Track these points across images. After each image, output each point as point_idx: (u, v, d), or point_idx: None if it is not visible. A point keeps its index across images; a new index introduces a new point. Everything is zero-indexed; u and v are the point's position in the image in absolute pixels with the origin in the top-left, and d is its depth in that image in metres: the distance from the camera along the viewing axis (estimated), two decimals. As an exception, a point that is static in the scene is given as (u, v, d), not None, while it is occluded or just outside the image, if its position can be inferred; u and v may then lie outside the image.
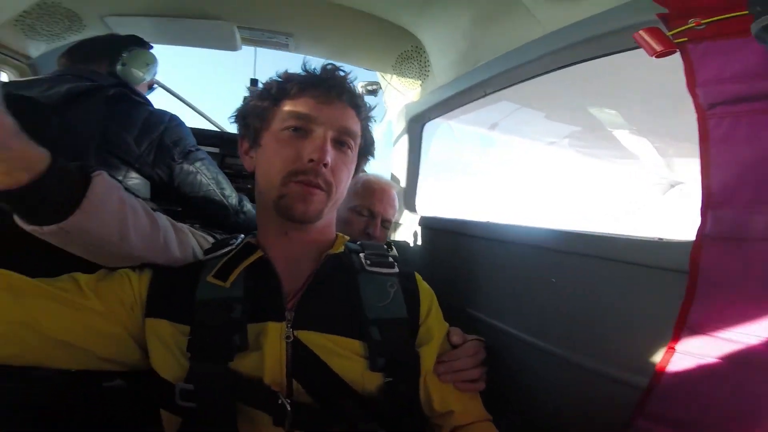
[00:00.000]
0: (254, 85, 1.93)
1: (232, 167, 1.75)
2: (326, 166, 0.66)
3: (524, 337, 0.93)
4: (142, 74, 1.18)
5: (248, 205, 1.25)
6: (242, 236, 0.76)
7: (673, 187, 2.31)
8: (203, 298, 0.66)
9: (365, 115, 0.78)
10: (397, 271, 0.77)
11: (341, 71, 0.73)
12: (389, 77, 1.73)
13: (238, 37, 1.51)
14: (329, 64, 0.74)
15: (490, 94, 1.28)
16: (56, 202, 0.56)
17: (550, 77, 1.06)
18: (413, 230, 1.64)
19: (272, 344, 0.63)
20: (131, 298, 0.66)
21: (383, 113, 2.02)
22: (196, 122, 2.06)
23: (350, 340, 0.67)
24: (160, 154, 1.02)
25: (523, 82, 1.15)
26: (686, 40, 0.67)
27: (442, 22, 1.27)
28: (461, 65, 1.31)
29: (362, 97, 0.77)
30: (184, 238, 0.79)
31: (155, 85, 1.36)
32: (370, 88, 1.89)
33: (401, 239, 1.75)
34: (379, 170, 2.04)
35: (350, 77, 0.74)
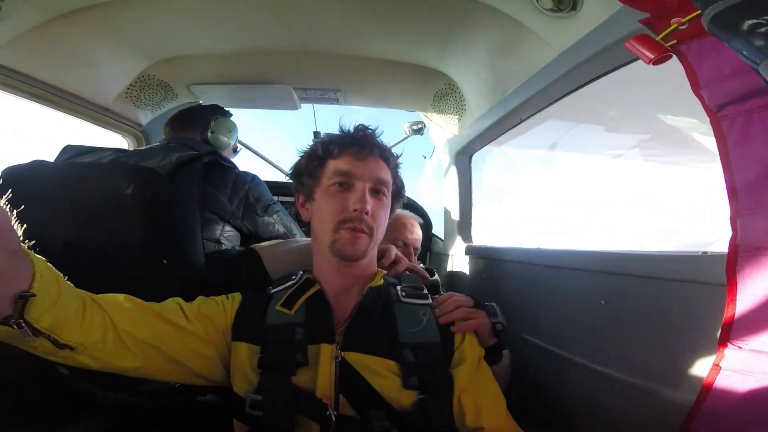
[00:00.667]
0: (317, 137, 2.18)
1: None
2: (367, 213, 0.79)
3: (578, 360, 0.93)
4: (227, 140, 1.43)
5: None
6: (301, 273, 0.89)
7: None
8: (272, 323, 0.79)
9: (394, 164, 0.90)
10: (430, 302, 0.85)
11: (370, 129, 0.87)
12: (431, 115, 1.82)
13: (296, 97, 1.75)
14: (360, 125, 0.88)
15: (525, 119, 1.29)
16: None
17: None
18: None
19: (324, 363, 0.74)
20: (223, 324, 0.80)
21: (432, 149, 2.09)
22: (274, 175, 2.38)
23: (387, 360, 0.75)
24: (246, 209, 1.22)
25: (552, 104, 1.15)
26: (676, 42, 0.64)
27: (465, 58, 1.34)
28: (493, 96, 1.35)
29: (390, 149, 0.89)
30: None
31: (239, 148, 1.62)
32: (415, 127, 2.01)
33: (457, 269, 1.76)
34: (433, 202, 2.11)
35: (377, 133, 0.88)
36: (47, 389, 1.15)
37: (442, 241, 2.05)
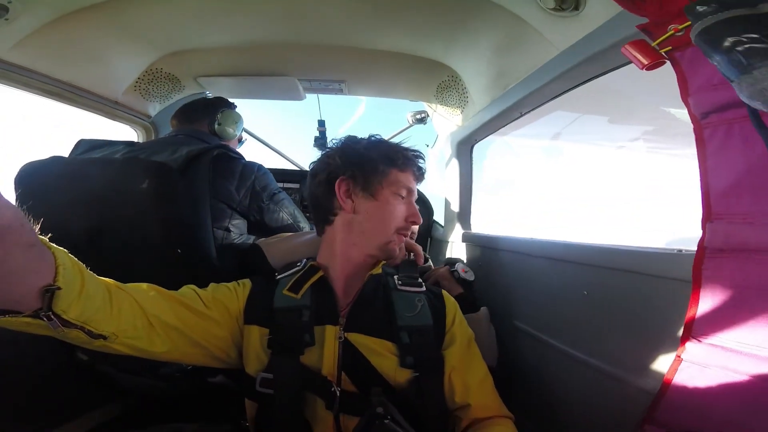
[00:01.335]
0: (322, 125, 2.21)
1: None
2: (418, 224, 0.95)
3: (560, 346, 0.99)
4: (232, 131, 1.47)
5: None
6: (305, 260, 0.95)
7: None
8: (280, 306, 0.85)
9: None
10: (424, 290, 0.93)
11: (423, 157, 0.99)
12: (434, 106, 1.84)
13: (300, 88, 1.78)
14: (419, 151, 0.99)
15: (525, 113, 1.32)
16: None
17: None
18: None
19: (329, 343, 0.81)
20: (236, 309, 0.85)
21: (435, 138, 2.11)
22: (280, 163, 2.43)
23: (386, 341, 0.82)
24: (253, 198, 1.28)
25: (552, 100, 1.18)
26: (671, 48, 0.66)
27: (468, 52, 1.36)
28: (494, 90, 1.37)
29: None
30: None
31: (244, 138, 1.66)
32: (419, 116, 2.02)
33: (456, 256, 1.81)
34: (435, 189, 2.14)
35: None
36: (68, 375, 1.22)
37: (442, 227, 2.10)
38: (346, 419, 0.76)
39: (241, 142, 1.61)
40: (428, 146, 2.19)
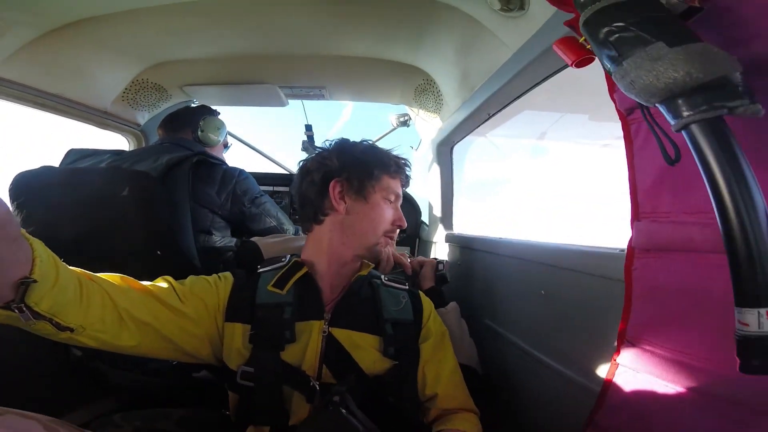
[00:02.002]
0: (309, 130, 2.26)
1: None
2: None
3: (521, 344, 1.01)
4: (215, 137, 1.52)
5: (303, 234, 1.51)
6: (289, 256, 0.97)
7: None
8: (262, 302, 0.86)
9: None
10: (407, 288, 0.99)
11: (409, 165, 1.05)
12: (416, 109, 1.88)
13: (282, 94, 1.83)
14: (408, 160, 1.05)
15: (493, 115, 1.35)
16: None
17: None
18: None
19: (313, 337, 0.84)
20: (215, 305, 0.84)
21: (419, 141, 2.15)
22: (269, 167, 2.48)
23: (369, 335, 0.87)
24: (234, 202, 1.33)
25: (516, 99, 1.21)
26: None
27: (435, 55, 1.40)
28: (463, 92, 1.40)
29: None
30: None
31: (230, 143, 1.72)
32: (402, 119, 2.07)
33: (440, 257, 1.84)
34: (423, 190, 2.17)
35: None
36: (62, 371, 1.26)
37: (428, 227, 2.13)
38: None
39: (226, 147, 1.67)
40: (413, 148, 2.22)
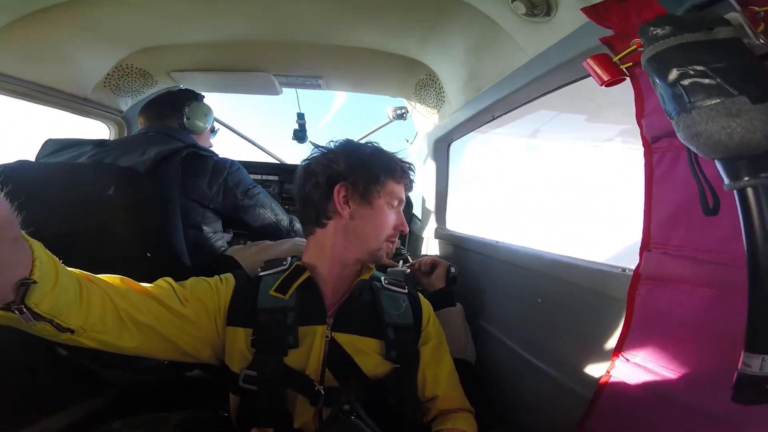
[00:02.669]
0: (301, 118, 2.19)
1: (289, 192, 2.12)
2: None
3: (516, 348, 1.04)
4: (203, 124, 1.44)
5: (297, 224, 1.49)
6: (290, 259, 0.96)
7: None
8: (264, 306, 0.85)
9: None
10: (406, 291, 0.99)
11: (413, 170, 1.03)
12: (414, 103, 1.83)
13: (276, 83, 1.75)
14: (412, 165, 1.02)
15: (498, 117, 1.33)
16: None
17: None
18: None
19: (316, 342, 0.83)
20: (215, 308, 0.83)
21: (415, 134, 2.11)
22: (259, 156, 2.41)
23: (371, 339, 0.87)
24: (226, 194, 1.27)
25: (523, 105, 1.19)
26: (632, 64, 0.64)
27: (442, 51, 1.35)
28: (468, 91, 1.37)
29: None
30: None
31: (217, 128, 1.62)
32: (399, 112, 2.02)
33: (431, 253, 1.85)
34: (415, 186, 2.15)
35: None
36: (49, 370, 1.21)
37: (420, 221, 2.13)
38: (326, 412, 0.79)
39: (213, 132, 1.58)
40: (408, 142, 2.19)
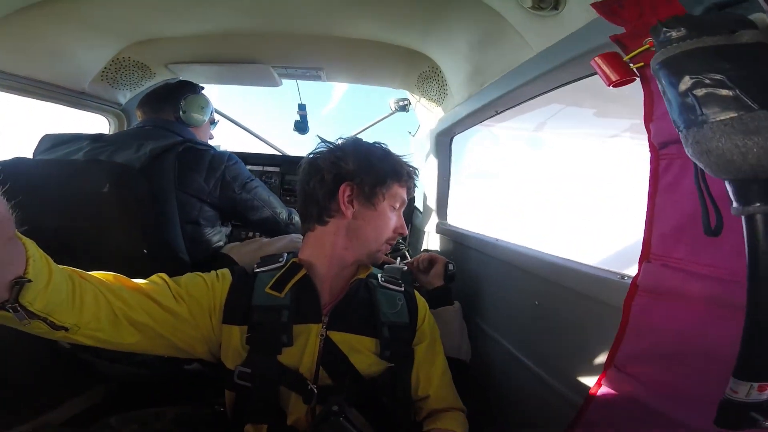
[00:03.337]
0: (302, 110, 2.16)
1: (290, 183, 2.11)
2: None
3: (512, 350, 1.03)
4: (201, 116, 1.41)
5: (296, 217, 1.46)
6: (286, 255, 0.94)
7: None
8: (259, 304, 0.84)
9: None
10: (402, 290, 0.97)
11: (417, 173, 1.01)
12: (417, 96, 1.80)
13: (275, 75, 1.71)
14: (413, 167, 1.00)
15: (501, 112, 1.29)
16: None
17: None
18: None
19: (311, 340, 0.83)
20: (210, 305, 0.82)
21: (417, 127, 2.08)
22: (260, 147, 2.40)
23: (366, 338, 0.86)
24: (223, 188, 1.26)
25: (527, 101, 1.15)
26: (643, 64, 0.61)
27: (446, 44, 1.32)
28: (471, 85, 1.33)
29: None
30: None
31: (217, 119, 1.60)
32: (401, 104, 1.99)
33: (432, 247, 1.83)
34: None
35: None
36: (50, 363, 1.23)
37: (421, 214, 2.11)
38: (320, 410, 0.79)
39: (213, 123, 1.56)
40: (411, 134, 2.16)
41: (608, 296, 0.70)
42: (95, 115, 1.79)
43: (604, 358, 0.66)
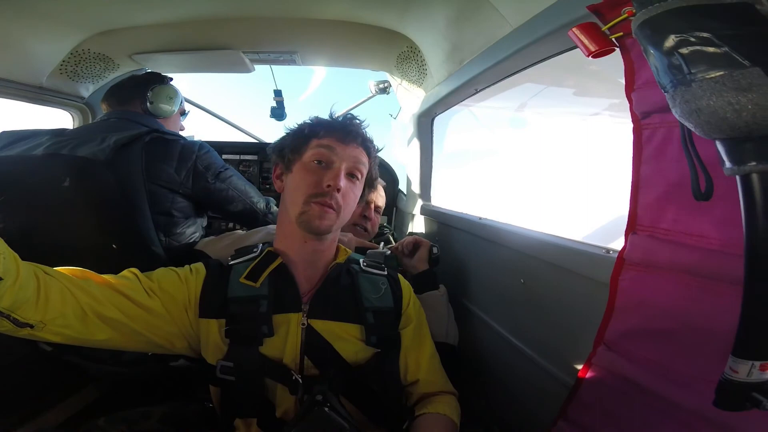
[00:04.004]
0: (278, 95, 2.09)
1: (269, 171, 2.02)
2: (339, 191, 0.83)
3: (499, 329, 1.03)
4: (169, 107, 1.35)
5: (275, 207, 1.44)
6: (261, 245, 0.92)
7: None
8: (235, 295, 0.82)
9: (374, 154, 0.95)
10: (386, 273, 0.95)
11: (358, 120, 0.92)
12: (396, 77, 1.75)
13: (247, 61, 1.64)
14: (350, 114, 0.93)
15: (481, 90, 1.27)
16: None
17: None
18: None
19: (292, 330, 0.81)
20: (185, 300, 0.81)
21: (399, 109, 2.04)
22: (237, 136, 2.34)
23: (351, 324, 0.84)
24: (196, 178, 1.21)
25: (507, 78, 1.13)
26: (622, 34, 0.60)
27: (423, 22, 1.28)
28: (451, 64, 1.30)
29: (372, 141, 0.94)
30: None
31: (188, 110, 1.54)
32: (381, 86, 1.94)
33: (417, 229, 1.83)
34: (400, 157, 2.10)
35: (364, 125, 0.93)
36: (34, 368, 1.20)
37: (405, 197, 2.09)
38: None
39: (184, 114, 1.50)
40: (392, 117, 2.12)
41: (594, 272, 0.69)
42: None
43: (593, 336, 0.65)
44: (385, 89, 1.94)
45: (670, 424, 0.54)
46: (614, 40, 0.62)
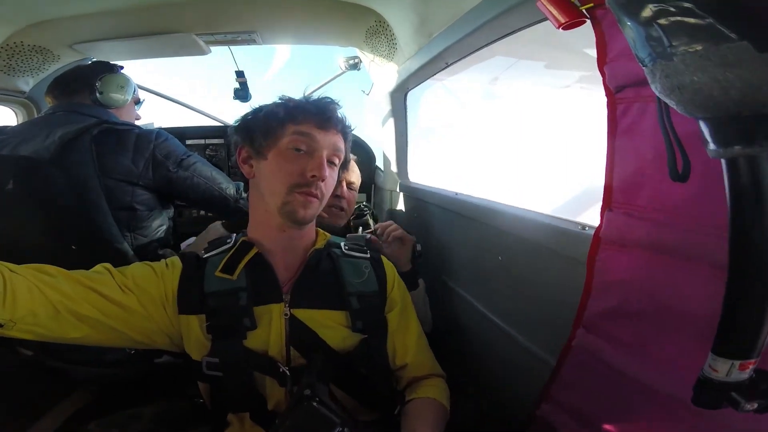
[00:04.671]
0: (241, 76, 1.99)
1: None
2: (323, 180, 0.81)
3: (479, 307, 1.03)
4: (121, 96, 1.26)
5: (245, 192, 1.37)
6: (235, 235, 0.89)
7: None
8: (212, 290, 0.79)
9: (349, 138, 0.91)
10: (368, 256, 0.92)
11: (335, 104, 0.87)
12: (367, 53, 1.68)
13: (201, 43, 1.53)
14: (328, 98, 0.87)
15: (451, 64, 1.23)
16: None
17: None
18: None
19: (275, 321, 0.79)
20: (162, 295, 0.78)
21: (371, 85, 1.97)
22: (201, 120, 2.22)
23: (335, 312, 0.83)
24: (156, 168, 1.14)
25: (477, 51, 1.09)
26: (593, 5, 0.57)
27: (390, -5, 1.21)
28: (420, 38, 1.25)
29: (349, 125, 0.90)
30: None
31: (142, 98, 1.43)
32: (351, 62, 1.86)
33: (397, 206, 1.83)
34: (375, 134, 2.05)
35: (339, 106, 0.88)
36: (16, 375, 1.16)
37: (383, 174, 2.06)
38: None
39: (139, 103, 1.41)
40: (365, 92, 2.05)
41: (570, 249, 0.68)
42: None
43: (573, 316, 0.65)
44: (356, 65, 1.86)
45: (649, 406, 0.54)
46: (584, 11, 0.60)
